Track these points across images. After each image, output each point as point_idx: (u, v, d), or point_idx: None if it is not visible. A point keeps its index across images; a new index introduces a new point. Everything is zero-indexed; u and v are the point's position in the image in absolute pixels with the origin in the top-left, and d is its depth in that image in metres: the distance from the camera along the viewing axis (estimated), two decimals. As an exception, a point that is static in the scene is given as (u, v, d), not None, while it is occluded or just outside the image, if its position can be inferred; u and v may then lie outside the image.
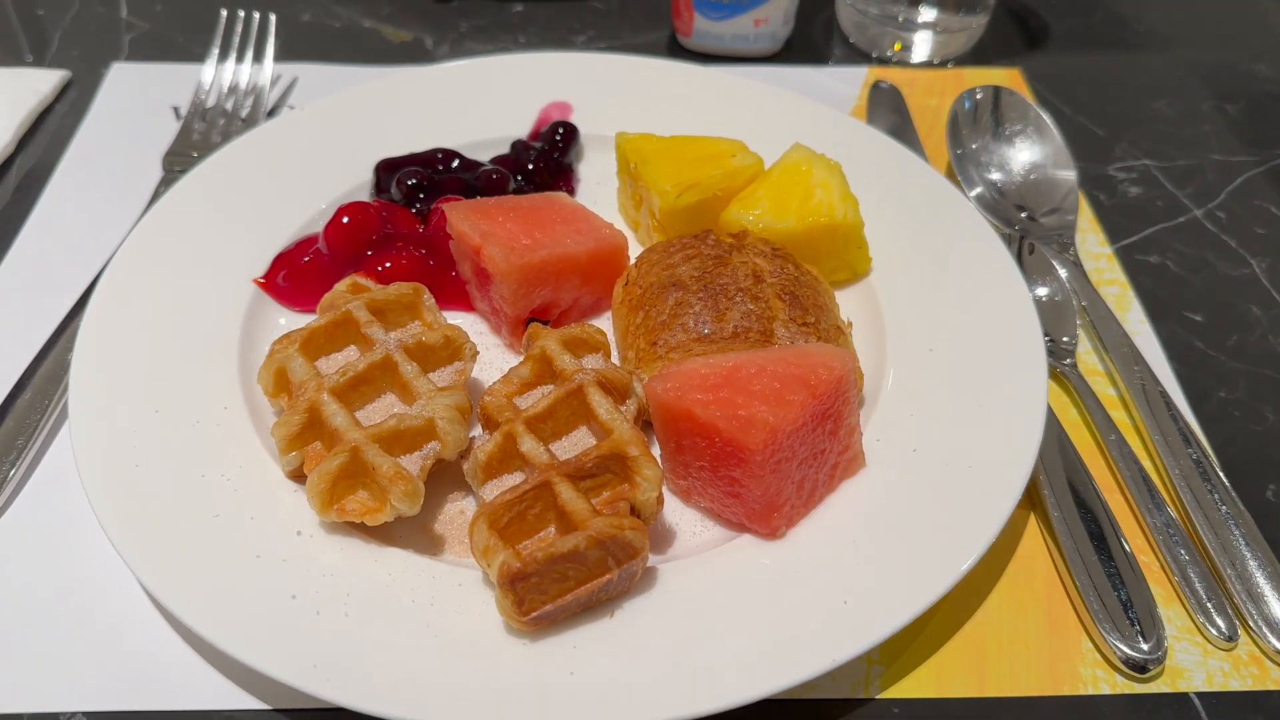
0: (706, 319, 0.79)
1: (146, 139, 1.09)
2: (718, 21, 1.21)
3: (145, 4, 1.30)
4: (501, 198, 0.89)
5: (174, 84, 1.17)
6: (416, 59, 1.23)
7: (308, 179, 0.98)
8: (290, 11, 1.29)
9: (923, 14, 1.21)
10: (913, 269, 0.91)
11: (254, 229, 0.93)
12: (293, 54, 1.23)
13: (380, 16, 1.30)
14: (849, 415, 0.74)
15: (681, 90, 1.09)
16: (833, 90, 1.19)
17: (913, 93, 1.19)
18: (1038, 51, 1.28)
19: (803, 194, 0.90)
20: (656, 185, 0.90)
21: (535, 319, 0.87)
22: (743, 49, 1.23)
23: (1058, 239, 0.97)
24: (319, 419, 0.74)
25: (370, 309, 0.80)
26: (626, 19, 1.31)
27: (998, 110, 1.06)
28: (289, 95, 1.16)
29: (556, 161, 1.02)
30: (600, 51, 1.25)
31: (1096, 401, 0.86)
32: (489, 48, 1.25)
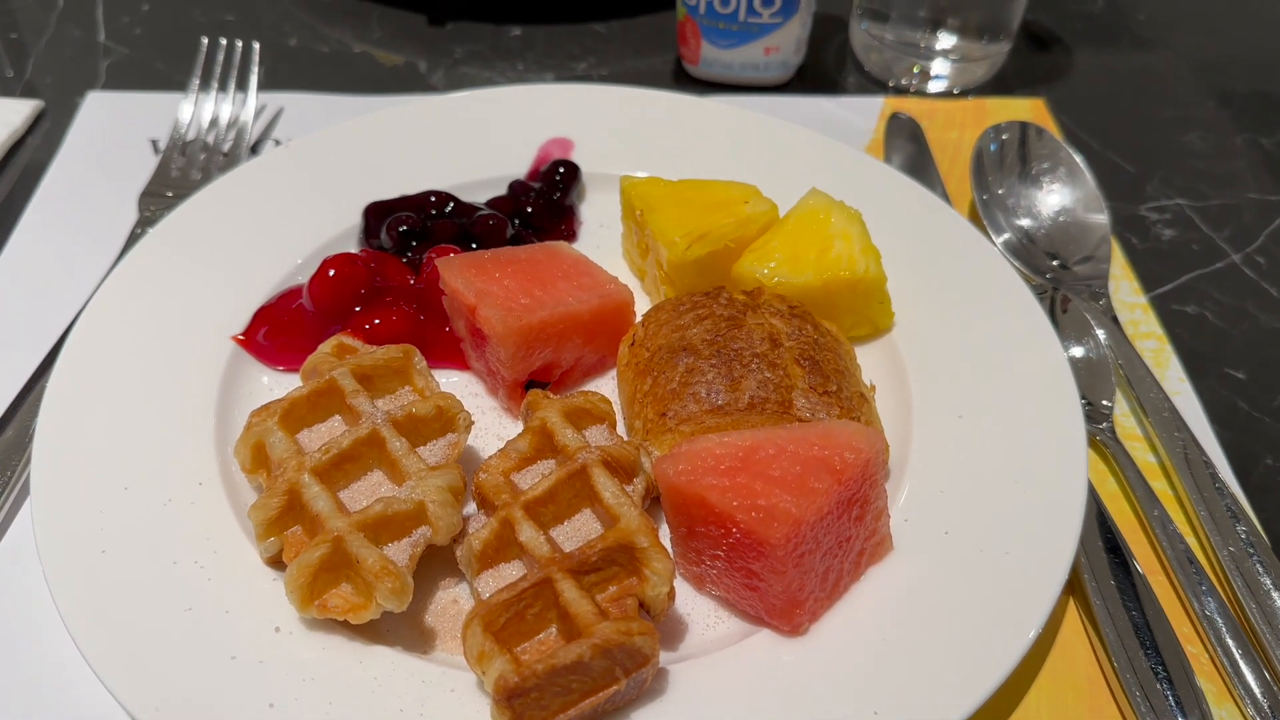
0: (720, 388, 0.73)
1: (122, 176, 1.03)
2: (726, 49, 1.15)
3: (123, 28, 1.24)
4: (498, 250, 0.83)
5: (152, 115, 1.11)
6: (409, 85, 1.17)
7: (292, 224, 0.92)
8: (276, 36, 1.23)
9: (941, 41, 1.15)
10: (938, 325, 0.85)
11: (233, 280, 0.87)
12: (278, 81, 1.16)
13: (371, 40, 1.24)
14: (876, 498, 0.68)
15: (688, 125, 1.03)
16: (848, 122, 1.13)
17: (932, 125, 1.13)
18: (1061, 79, 1.22)
19: (820, 245, 0.84)
20: (664, 236, 0.84)
21: (535, 380, 0.81)
22: (752, 78, 1.17)
23: (1090, 288, 0.91)
24: (299, 502, 0.68)
25: (356, 376, 0.74)
26: (629, 43, 1.25)
27: (1025, 150, 1.00)
28: (274, 127, 1.10)
29: (557, 203, 0.96)
30: (602, 80, 1.19)
31: (1137, 472, 0.80)
32: (485, 73, 1.19)
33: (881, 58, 1.19)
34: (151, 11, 1.26)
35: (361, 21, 1.26)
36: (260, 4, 1.28)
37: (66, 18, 1.25)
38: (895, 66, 1.18)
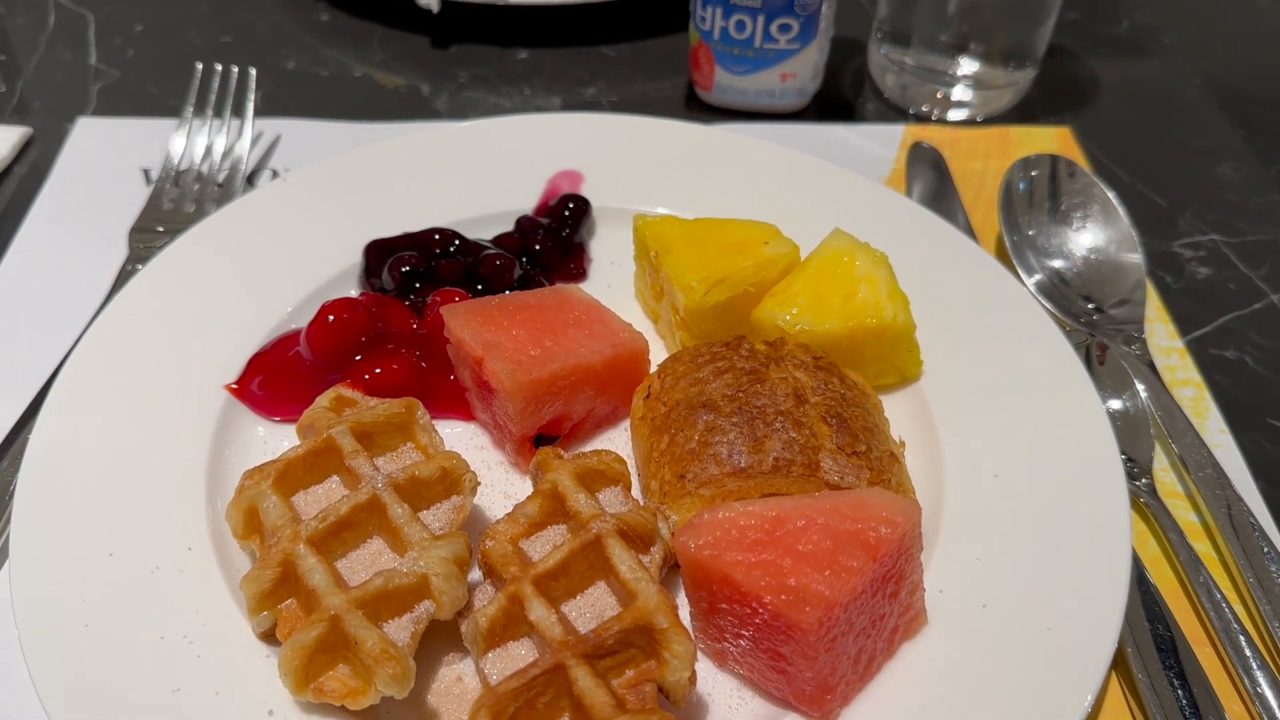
0: (742, 449, 0.68)
1: (112, 208, 0.99)
2: (741, 76, 1.10)
3: (116, 50, 1.19)
4: (506, 297, 0.79)
5: (144, 142, 1.06)
6: (412, 110, 1.13)
7: (289, 263, 0.88)
8: (274, 59, 1.19)
9: (964, 67, 1.10)
10: (969, 375, 0.81)
11: (226, 325, 0.82)
12: (276, 107, 1.12)
13: (372, 63, 1.19)
14: (912, 572, 0.64)
15: (703, 157, 0.99)
16: (868, 152, 1.09)
17: (954, 155, 1.09)
18: (1086, 106, 1.18)
19: (845, 290, 0.80)
20: (680, 280, 0.80)
21: (545, 433, 0.77)
22: (768, 105, 1.13)
23: (1124, 332, 0.87)
24: (294, 574, 0.63)
25: (356, 434, 0.70)
26: (639, 67, 1.21)
27: (1055, 186, 0.96)
28: (271, 155, 1.06)
29: (566, 240, 0.92)
30: (612, 105, 1.15)
31: (1179, 534, 0.75)
32: (491, 98, 1.15)
33: (901, 83, 1.14)
34: (145, 33, 1.22)
35: (363, 43, 1.22)
36: (258, 25, 1.24)
37: (57, 39, 1.21)
38: (915, 93, 1.14)
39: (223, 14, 1.25)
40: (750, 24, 1.06)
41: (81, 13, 1.24)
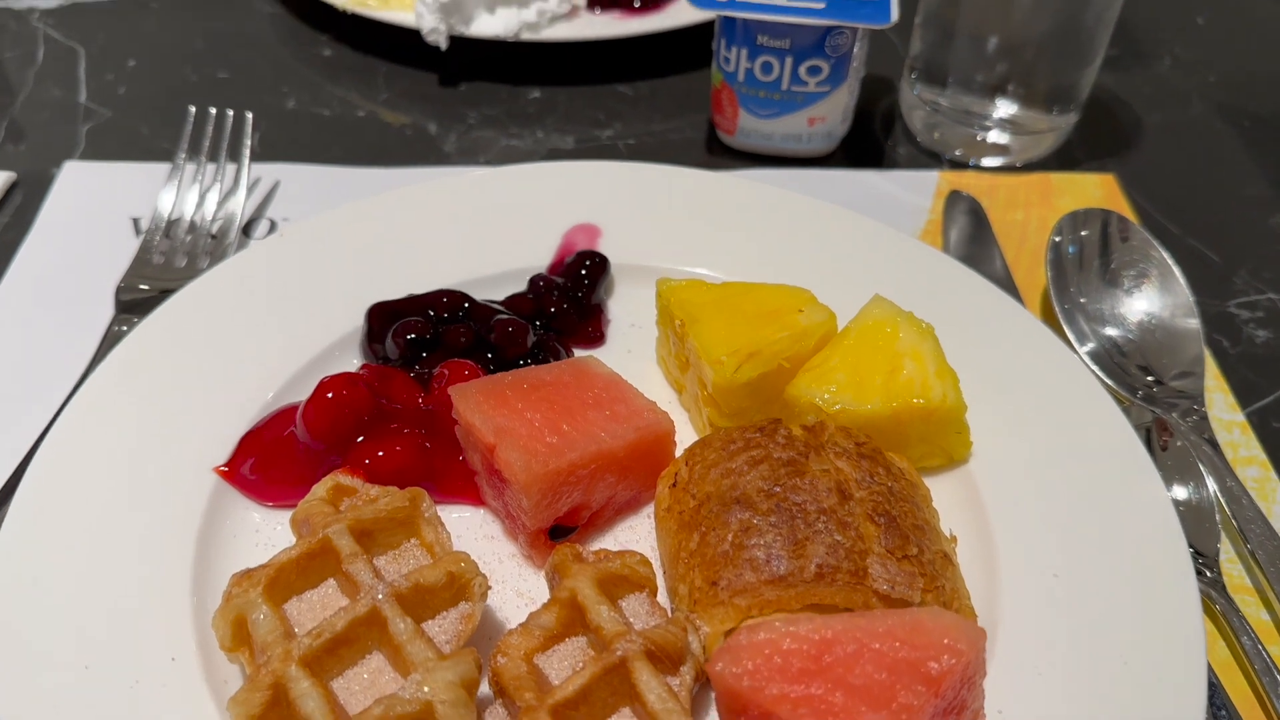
0: (781, 554, 0.62)
1: (99, 261, 0.92)
2: (766, 119, 1.04)
3: (107, 87, 1.13)
4: (519, 374, 0.73)
5: (134, 188, 1.00)
6: (419, 153, 1.07)
7: (285, 330, 0.81)
8: (273, 97, 1.13)
9: (1002, 109, 1.04)
10: (1022, 458, 0.75)
11: (217, 399, 0.76)
12: (274, 149, 1.06)
13: (378, 101, 1.13)
14: (974, 700, 0.57)
15: (728, 210, 0.92)
16: (901, 201, 1.03)
17: (993, 204, 1.03)
18: (1131, 150, 1.11)
19: (888, 366, 0.74)
20: (709, 354, 0.74)
21: (561, 524, 0.70)
22: (794, 149, 1.06)
23: (1181, 406, 0.81)
24: (286, 698, 0.57)
25: (355, 533, 0.63)
26: (657, 107, 1.15)
27: (1106, 246, 0.89)
28: (269, 203, 1.00)
29: (583, 302, 0.86)
30: (629, 148, 1.09)
31: (1252, 637, 0.69)
32: (502, 140, 1.09)
33: (935, 126, 1.08)
34: (138, 68, 1.16)
35: (367, 81, 1.16)
36: (256, 61, 1.18)
37: (46, 75, 1.15)
38: (950, 136, 1.07)
39: (220, 48, 1.20)
40: (777, 66, 1.00)
41: (72, 46, 1.19)
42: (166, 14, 1.25)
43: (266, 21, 1.23)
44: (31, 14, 1.23)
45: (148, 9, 1.25)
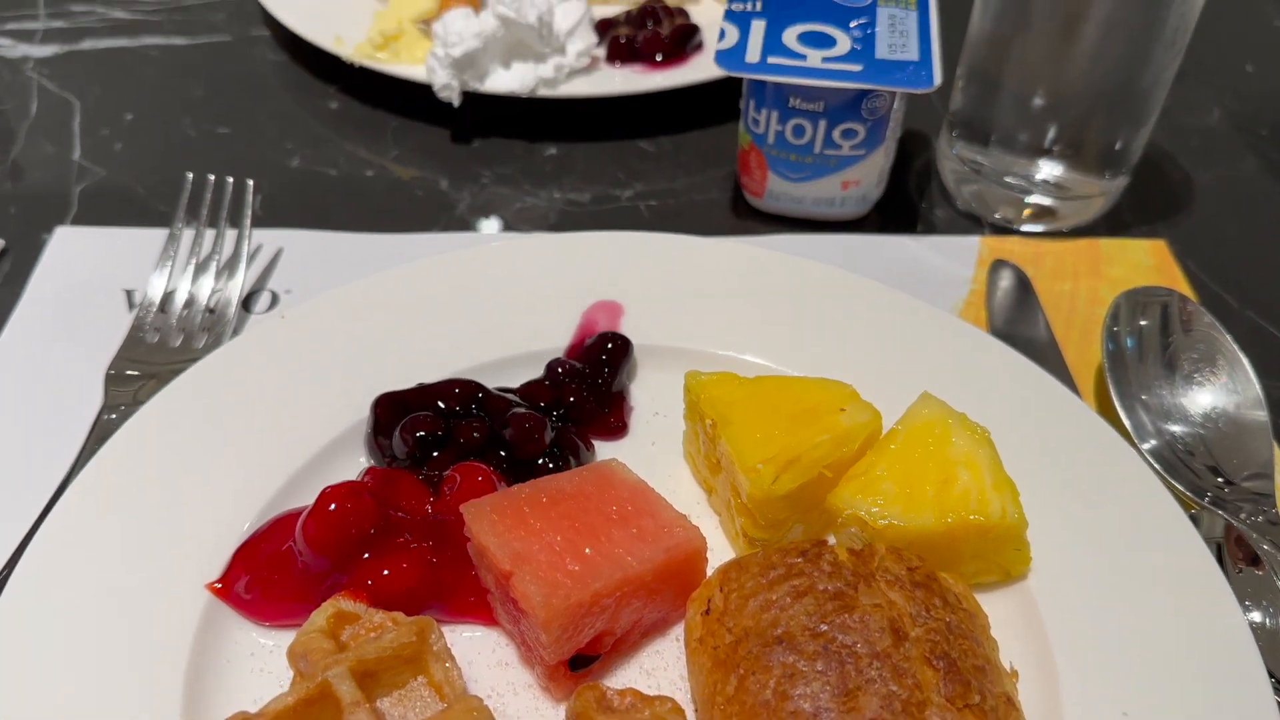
0: (830, 706, 0.56)
1: (91, 338, 0.87)
2: (797, 183, 0.98)
3: (103, 142, 1.08)
4: (537, 487, 0.67)
5: (129, 256, 0.95)
6: (429, 215, 1.01)
7: (284, 423, 0.75)
8: (276, 154, 1.07)
9: (1047, 172, 0.98)
10: (1084, 576, 0.68)
11: (210, 507, 0.70)
12: (277, 213, 1.00)
13: (387, 159, 1.08)
14: None
15: (760, 286, 0.86)
16: (941, 270, 0.97)
17: (1039, 273, 0.97)
18: (1181, 212, 1.05)
19: (940, 475, 0.68)
20: (743, 461, 0.68)
21: (582, 654, 0.64)
22: (826, 213, 1.00)
23: (1253, 509, 0.74)
24: None
25: (357, 674, 0.57)
26: (680, 164, 1.09)
27: (1166, 329, 0.83)
28: (270, 274, 0.94)
29: (603, 389, 0.80)
30: (652, 213, 1.03)
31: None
32: (517, 201, 1.03)
33: (975, 187, 1.02)
34: (136, 122, 1.10)
35: (376, 136, 1.10)
36: (259, 113, 1.12)
37: (39, 129, 1.09)
38: (991, 198, 1.01)
39: (221, 98, 1.14)
40: (810, 129, 0.94)
41: (67, 98, 1.13)
42: (167, 60, 1.19)
43: (271, 70, 1.18)
44: (26, 63, 1.18)
45: (146, 56, 1.20)
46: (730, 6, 0.97)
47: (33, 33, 1.22)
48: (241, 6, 1.26)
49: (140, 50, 1.21)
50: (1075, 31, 0.88)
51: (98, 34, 1.23)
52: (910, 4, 0.98)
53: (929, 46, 0.93)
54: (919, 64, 0.91)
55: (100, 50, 1.21)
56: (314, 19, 1.15)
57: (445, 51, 1.03)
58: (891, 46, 0.93)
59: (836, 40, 0.93)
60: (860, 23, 0.95)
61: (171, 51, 1.21)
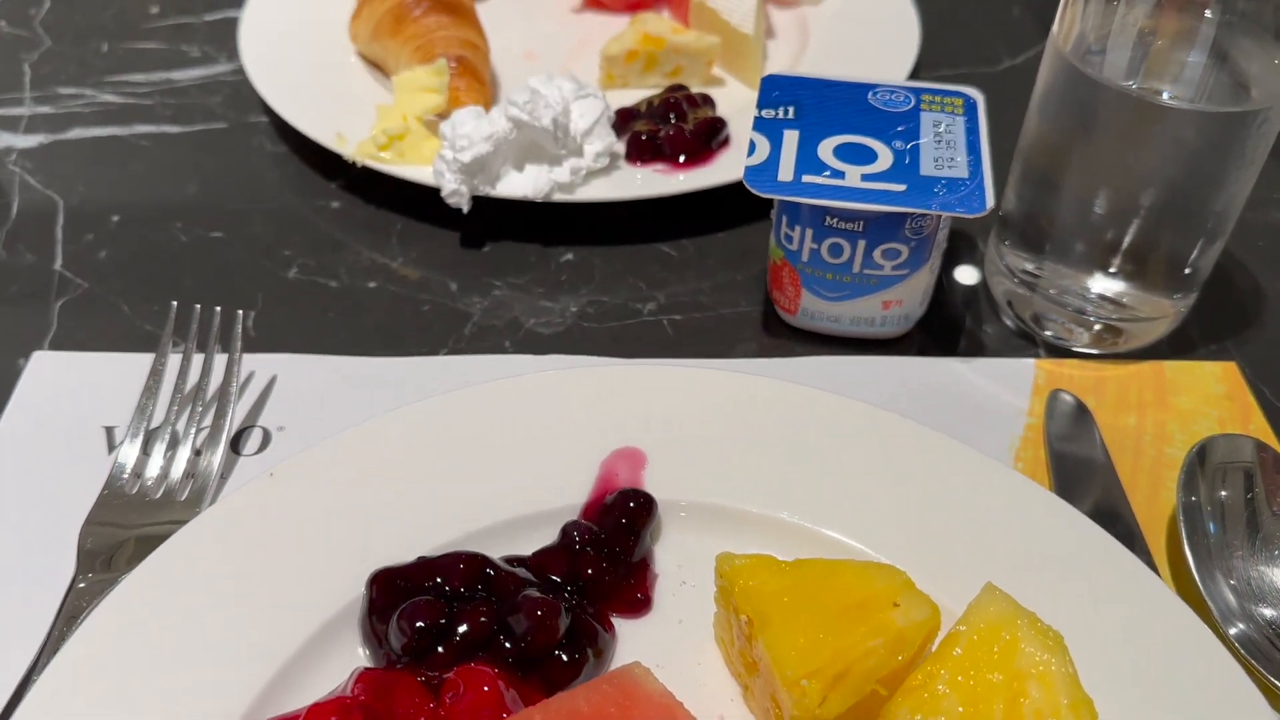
0: None
1: (65, 486, 0.80)
2: (834, 302, 0.90)
3: (86, 250, 1.01)
4: (550, 709, 0.58)
5: (110, 386, 0.88)
6: (435, 334, 0.94)
7: (269, 604, 0.68)
8: (271, 263, 1.00)
9: (1106, 288, 0.90)
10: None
11: (186, 713, 0.62)
12: (272, 331, 0.93)
13: (391, 267, 1.01)
14: None
15: (797, 429, 0.79)
16: (993, 399, 0.89)
17: (1101, 404, 0.88)
18: (1252, 326, 0.97)
19: (1008, 691, 0.59)
20: (785, 674, 0.60)
21: None
22: (864, 333, 0.92)
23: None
24: None
25: None
26: (705, 270, 1.01)
27: (1251, 492, 0.74)
28: (263, 406, 0.87)
29: (624, 558, 0.72)
30: (676, 330, 0.95)
31: None
32: (529, 315, 0.96)
33: (1028, 302, 0.94)
34: (122, 225, 1.03)
35: (380, 238, 1.02)
36: (255, 215, 1.05)
37: (19, 232, 1.02)
38: (1047, 316, 0.93)
39: (216, 195, 1.07)
40: (848, 248, 0.86)
41: (50, 195, 1.06)
42: (158, 151, 1.12)
43: (270, 163, 1.11)
44: (9, 155, 1.11)
45: (137, 146, 1.13)
46: (760, 113, 0.89)
47: (18, 119, 1.15)
48: (239, 89, 1.19)
49: (130, 140, 1.14)
50: (1143, 146, 0.80)
51: (86, 121, 1.16)
52: (956, 108, 0.90)
53: (979, 160, 0.85)
54: (969, 182, 0.83)
55: (88, 139, 1.14)
56: (316, 111, 1.08)
57: (453, 155, 0.95)
58: (938, 161, 0.85)
59: (877, 154, 0.85)
60: (903, 130, 0.87)
61: (164, 141, 1.14)
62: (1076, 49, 0.82)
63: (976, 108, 0.90)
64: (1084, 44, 0.83)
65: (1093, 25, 0.82)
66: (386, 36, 1.12)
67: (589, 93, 1.00)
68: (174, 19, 1.32)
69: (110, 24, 1.31)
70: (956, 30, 1.33)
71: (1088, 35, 0.83)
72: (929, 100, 0.90)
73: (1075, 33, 0.83)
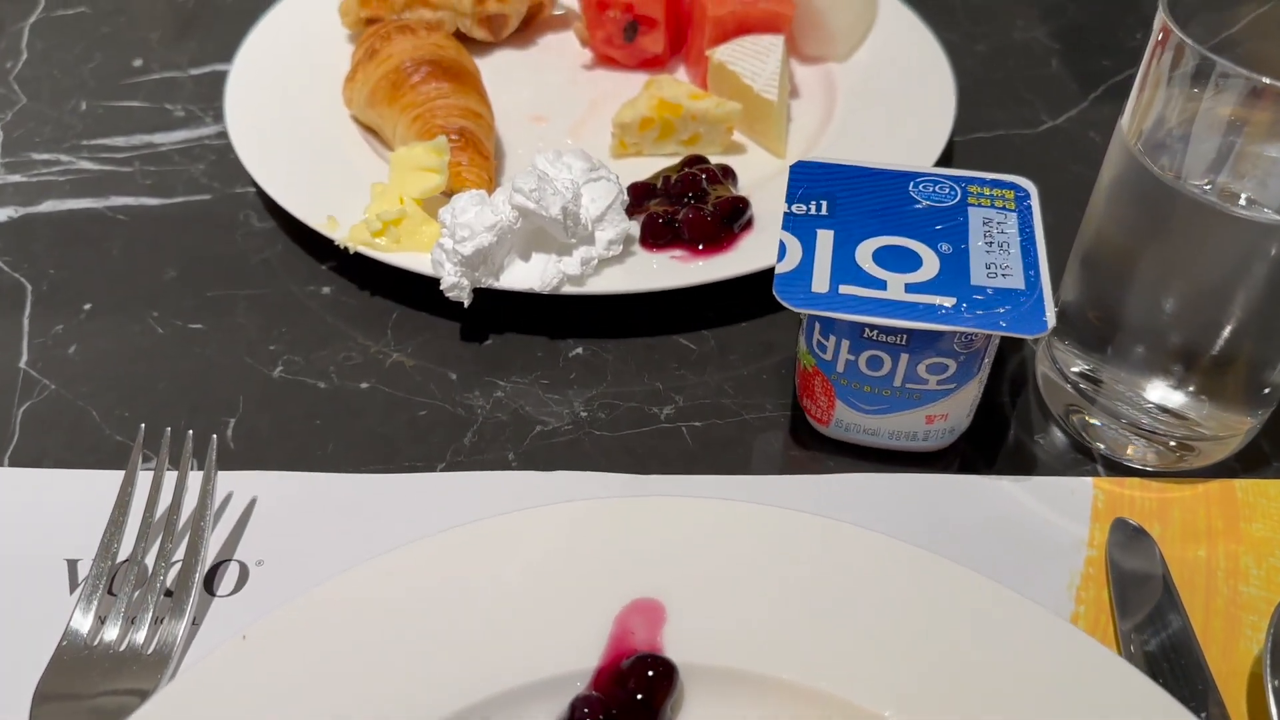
0: None
1: (20, 634, 0.72)
2: (872, 415, 0.82)
3: (55, 344, 0.93)
4: None
5: (74, 509, 0.80)
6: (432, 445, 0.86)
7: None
8: (257, 359, 0.92)
9: (1175, 400, 0.81)
10: None
11: None
12: (254, 441, 0.85)
13: (385, 366, 0.92)
14: None
15: (836, 577, 0.70)
16: (1049, 527, 0.80)
17: (1167, 533, 0.80)
18: (1327, 435, 0.88)
19: None
20: None
21: None
22: (904, 446, 0.84)
23: None
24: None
25: None
26: (728, 368, 0.93)
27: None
28: (241, 535, 0.79)
29: (643, 738, 0.63)
30: (696, 442, 0.87)
31: None
32: (535, 422, 0.87)
33: (1084, 411, 0.85)
34: (94, 315, 0.95)
35: (374, 329, 0.94)
36: (239, 302, 0.97)
37: (-16, 324, 0.94)
38: (1105, 427, 0.84)
39: (197, 279, 0.99)
40: (889, 361, 0.78)
41: (19, 280, 0.98)
42: (136, 226, 1.04)
43: (256, 242, 1.03)
44: (-22, 232, 1.03)
45: (114, 221, 1.05)
46: (790, 209, 0.81)
47: (-11, 191, 1.07)
48: (225, 155, 1.11)
49: (107, 214, 1.06)
50: (1223, 257, 0.72)
51: (60, 192, 1.08)
52: (1007, 202, 0.81)
53: (1036, 269, 0.76)
54: (1026, 296, 0.74)
55: (62, 213, 1.06)
56: (307, 188, 0.99)
57: (453, 246, 0.87)
58: (990, 268, 0.76)
59: (922, 260, 0.77)
60: (949, 230, 0.79)
61: (142, 215, 1.05)
62: (1150, 139, 0.74)
63: (1030, 202, 0.81)
64: (1159, 133, 0.74)
65: (1171, 114, 0.73)
66: (382, 104, 1.04)
67: (601, 174, 0.92)
68: (158, 73, 1.24)
69: (90, 79, 1.23)
70: (991, 87, 1.24)
71: (1164, 125, 0.74)
72: (977, 193, 0.82)
73: (1149, 121, 0.74)
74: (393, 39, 1.05)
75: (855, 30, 1.18)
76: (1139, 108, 0.74)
